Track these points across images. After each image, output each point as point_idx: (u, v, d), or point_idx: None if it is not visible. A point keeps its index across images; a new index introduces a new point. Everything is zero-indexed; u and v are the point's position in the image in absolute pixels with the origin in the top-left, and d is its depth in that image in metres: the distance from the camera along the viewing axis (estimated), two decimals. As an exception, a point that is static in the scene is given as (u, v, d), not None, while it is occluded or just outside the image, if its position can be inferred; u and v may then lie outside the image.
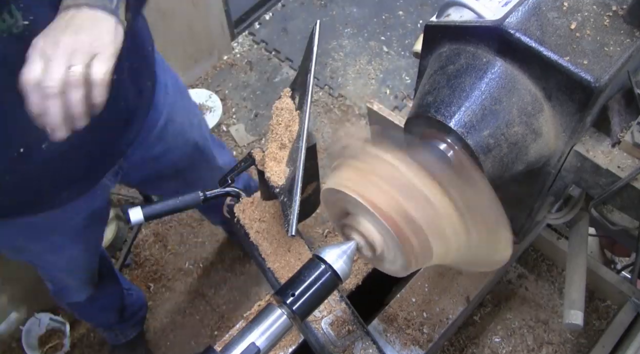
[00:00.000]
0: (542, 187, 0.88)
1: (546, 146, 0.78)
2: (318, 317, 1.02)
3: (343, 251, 0.73)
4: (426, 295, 1.15)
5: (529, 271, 1.59)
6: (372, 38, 2.88)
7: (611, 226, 0.96)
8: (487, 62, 0.74)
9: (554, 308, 1.53)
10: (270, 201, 1.10)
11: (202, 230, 2.33)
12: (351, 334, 1.01)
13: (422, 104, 0.76)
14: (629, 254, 1.73)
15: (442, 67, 0.78)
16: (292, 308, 0.71)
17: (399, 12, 3.00)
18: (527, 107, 0.74)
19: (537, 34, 0.71)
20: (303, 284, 0.72)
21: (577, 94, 0.71)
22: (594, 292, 1.51)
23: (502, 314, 1.55)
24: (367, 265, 1.13)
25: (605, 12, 0.76)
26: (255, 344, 0.68)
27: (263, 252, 1.07)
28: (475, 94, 0.73)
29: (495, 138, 0.73)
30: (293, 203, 0.81)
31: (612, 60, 0.71)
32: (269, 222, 1.10)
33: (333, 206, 0.78)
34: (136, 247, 2.29)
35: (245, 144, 2.52)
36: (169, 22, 2.37)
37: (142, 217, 1.02)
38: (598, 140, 0.81)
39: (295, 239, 1.08)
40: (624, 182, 0.78)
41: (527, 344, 1.50)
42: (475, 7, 0.82)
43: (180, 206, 1.05)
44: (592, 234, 1.38)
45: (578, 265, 1.07)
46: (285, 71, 2.78)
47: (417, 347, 1.08)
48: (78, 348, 2.09)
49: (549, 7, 0.75)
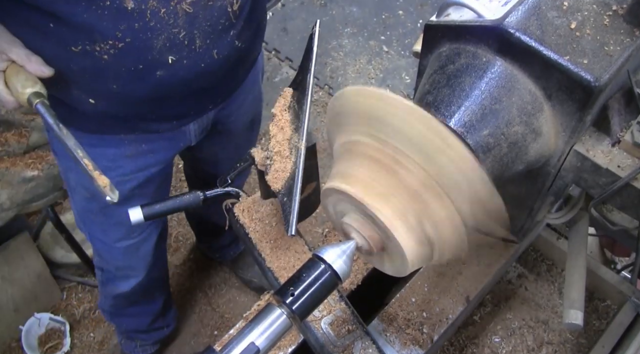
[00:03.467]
0: (542, 187, 0.88)
1: (546, 146, 0.78)
2: (318, 317, 1.02)
3: (343, 250, 0.73)
4: (426, 295, 1.15)
5: (529, 270, 1.59)
6: (372, 38, 2.88)
7: (611, 226, 0.96)
8: (487, 62, 0.74)
9: (553, 308, 1.53)
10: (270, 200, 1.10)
11: (202, 230, 2.33)
12: (351, 334, 1.01)
13: (422, 104, 0.76)
14: (628, 254, 1.73)
15: (442, 67, 0.78)
16: (291, 307, 0.70)
17: (399, 11, 3.00)
18: (527, 106, 0.74)
19: (537, 33, 0.71)
20: (303, 283, 0.72)
21: (577, 93, 0.71)
22: (594, 292, 1.51)
23: (502, 314, 1.55)
24: (367, 265, 1.13)
25: (605, 11, 0.76)
26: (255, 344, 0.68)
27: (263, 252, 1.07)
28: (475, 94, 0.73)
29: (495, 138, 0.72)
30: (293, 203, 0.81)
31: (612, 60, 0.71)
32: (269, 222, 1.10)
33: (333, 206, 0.78)
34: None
35: (245, 144, 2.53)
36: (168, 22, 2.37)
37: (142, 217, 1.02)
38: (598, 139, 0.81)
39: (295, 239, 1.08)
40: (624, 182, 0.78)
41: (527, 344, 1.50)
42: (475, 6, 0.82)
43: (180, 206, 1.05)
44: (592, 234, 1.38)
45: (578, 265, 1.07)
46: (285, 71, 2.78)
47: (417, 347, 1.08)
48: (78, 348, 2.09)
49: (548, 6, 0.75)
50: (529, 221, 1.00)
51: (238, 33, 1.07)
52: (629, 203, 0.81)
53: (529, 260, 1.59)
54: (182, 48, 0.98)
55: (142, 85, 1.01)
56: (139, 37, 0.93)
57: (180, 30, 0.95)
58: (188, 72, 1.02)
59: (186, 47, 0.98)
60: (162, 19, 0.92)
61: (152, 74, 0.99)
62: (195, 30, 0.97)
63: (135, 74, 0.98)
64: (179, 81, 1.03)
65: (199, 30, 0.97)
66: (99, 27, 0.91)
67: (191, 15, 0.94)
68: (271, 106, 0.97)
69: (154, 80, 1.00)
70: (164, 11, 0.91)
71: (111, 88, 1.01)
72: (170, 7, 0.91)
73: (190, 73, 1.03)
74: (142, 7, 0.90)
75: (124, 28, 0.91)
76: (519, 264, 1.60)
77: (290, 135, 0.93)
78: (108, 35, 0.92)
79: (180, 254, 2.28)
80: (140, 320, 1.81)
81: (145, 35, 0.93)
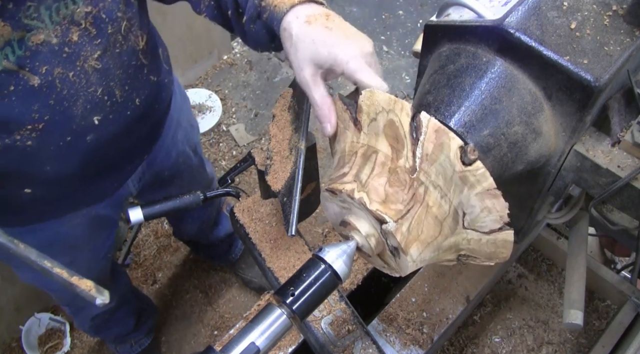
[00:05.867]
0: (542, 186, 0.88)
1: (546, 146, 0.78)
2: (318, 317, 1.02)
3: (343, 250, 0.73)
4: (426, 295, 1.15)
5: (529, 270, 1.59)
6: (372, 37, 2.85)
7: (611, 226, 0.96)
8: (487, 62, 0.74)
9: (553, 308, 1.53)
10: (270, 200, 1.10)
11: (202, 230, 2.33)
12: (351, 334, 1.01)
13: (422, 104, 0.76)
14: (629, 253, 1.73)
15: (442, 67, 0.78)
16: (291, 307, 0.70)
17: (399, 11, 3.00)
18: (527, 106, 0.74)
19: (537, 33, 0.71)
20: (303, 284, 0.72)
21: (577, 93, 0.71)
22: (594, 292, 1.51)
23: (502, 314, 1.55)
24: (367, 265, 1.13)
25: (605, 11, 0.76)
26: (255, 344, 0.68)
27: (263, 251, 1.07)
28: (475, 94, 0.73)
29: (495, 138, 0.72)
30: (293, 203, 0.81)
31: (612, 60, 0.71)
32: (269, 221, 1.10)
33: (333, 206, 0.78)
34: (136, 247, 2.29)
35: (245, 143, 2.52)
36: (169, 22, 2.37)
37: (142, 217, 1.02)
38: (598, 139, 0.81)
39: (295, 239, 1.08)
40: (624, 182, 0.78)
41: (527, 344, 1.50)
42: (475, 6, 0.82)
43: (180, 206, 1.06)
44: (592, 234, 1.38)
45: (578, 265, 1.07)
46: (285, 71, 2.78)
47: (417, 347, 1.08)
48: (78, 348, 2.09)
49: (549, 6, 0.75)
50: (529, 221, 1.00)
51: (150, 68, 1.03)
52: (629, 203, 0.81)
53: (529, 260, 1.59)
54: (103, 105, 0.92)
55: (76, 155, 0.95)
56: (57, 110, 0.86)
57: (97, 88, 0.89)
58: (117, 126, 0.97)
59: (107, 102, 0.92)
60: (74, 84, 0.85)
61: (82, 140, 0.93)
62: (111, 82, 0.91)
63: (65, 147, 0.91)
64: (112, 137, 0.98)
65: (115, 81, 0.92)
66: (12, 116, 0.83)
67: (102, 70, 0.88)
68: (271, 106, 0.97)
69: (86, 147, 0.95)
70: (72, 75, 0.84)
71: (45, 171, 0.95)
72: (77, 69, 0.85)
73: (119, 127, 0.98)
74: (49, 79, 0.82)
75: (38, 107, 0.84)
76: (519, 264, 1.60)
77: (290, 135, 0.92)
78: (24, 120, 0.84)
79: (180, 254, 2.28)
80: (124, 324, 1.80)
81: (62, 106, 0.86)
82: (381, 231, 0.70)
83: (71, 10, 0.80)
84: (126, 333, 1.85)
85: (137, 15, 0.95)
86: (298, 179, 0.83)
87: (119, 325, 1.79)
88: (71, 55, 0.83)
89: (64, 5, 0.79)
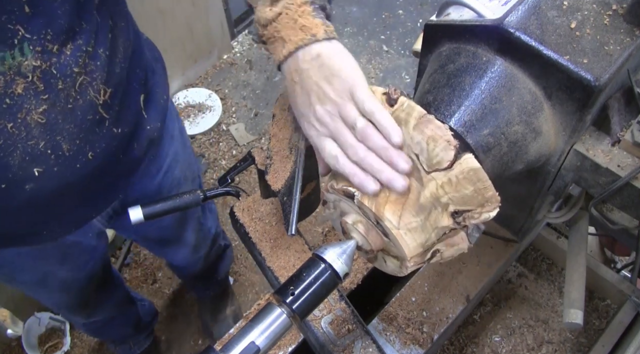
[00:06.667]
0: (542, 186, 0.88)
1: (546, 145, 0.78)
2: (318, 316, 1.02)
3: (343, 250, 0.73)
4: (426, 294, 1.15)
5: (529, 270, 1.59)
6: (372, 37, 2.88)
7: (611, 225, 0.96)
8: (487, 61, 0.74)
9: (553, 307, 1.53)
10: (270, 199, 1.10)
11: (202, 229, 2.33)
12: (351, 333, 1.01)
13: (422, 103, 0.76)
14: (628, 253, 1.73)
15: (442, 66, 0.78)
16: (291, 307, 0.70)
17: (399, 11, 3.00)
18: (527, 106, 0.74)
19: (537, 33, 0.71)
20: (303, 283, 0.72)
21: (577, 93, 0.71)
22: (594, 291, 1.51)
23: (502, 313, 1.55)
24: (367, 265, 1.13)
25: (605, 11, 0.76)
26: (255, 344, 0.68)
27: (263, 251, 1.07)
28: (475, 93, 0.73)
29: (495, 137, 0.72)
30: (293, 202, 0.81)
31: (612, 59, 0.71)
32: (268, 221, 1.10)
33: (333, 205, 0.78)
34: (136, 247, 2.29)
35: (245, 143, 2.52)
36: (168, 22, 2.37)
37: (142, 216, 1.02)
38: (598, 139, 0.81)
39: (295, 238, 1.08)
40: (624, 181, 0.78)
41: (527, 344, 1.50)
42: (475, 6, 0.82)
43: (180, 206, 1.05)
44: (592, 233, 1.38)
45: (578, 264, 1.07)
46: (285, 70, 2.78)
47: (417, 346, 1.08)
48: (78, 347, 2.09)
49: (548, 6, 0.75)
50: (529, 220, 1.00)
51: (115, 120, 0.94)
52: (629, 202, 0.81)
53: (529, 259, 1.59)
54: (46, 158, 0.86)
55: (14, 203, 0.90)
56: None
57: (38, 141, 0.83)
58: (63, 179, 0.91)
59: (51, 155, 0.86)
60: (12, 135, 0.80)
61: (21, 189, 0.88)
62: (58, 136, 0.85)
63: (3, 194, 0.87)
64: (55, 190, 0.92)
65: (63, 135, 0.86)
66: None
67: (47, 124, 0.83)
68: (271, 106, 0.97)
69: (25, 195, 0.89)
70: (11, 126, 0.79)
71: None
72: (18, 120, 0.80)
73: (64, 180, 0.91)
74: None
75: None
76: (519, 264, 1.60)
77: (290, 135, 0.92)
78: None
79: (180, 254, 2.29)
80: (121, 331, 1.79)
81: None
82: (363, 213, 0.70)
83: (18, 61, 0.75)
84: (124, 338, 1.85)
85: (105, 68, 0.88)
86: (298, 179, 0.83)
87: (116, 332, 1.78)
88: (12, 106, 0.78)
89: (10, 56, 0.74)
